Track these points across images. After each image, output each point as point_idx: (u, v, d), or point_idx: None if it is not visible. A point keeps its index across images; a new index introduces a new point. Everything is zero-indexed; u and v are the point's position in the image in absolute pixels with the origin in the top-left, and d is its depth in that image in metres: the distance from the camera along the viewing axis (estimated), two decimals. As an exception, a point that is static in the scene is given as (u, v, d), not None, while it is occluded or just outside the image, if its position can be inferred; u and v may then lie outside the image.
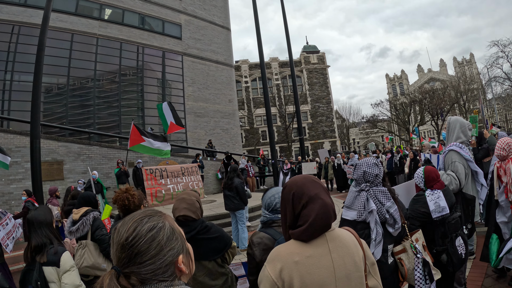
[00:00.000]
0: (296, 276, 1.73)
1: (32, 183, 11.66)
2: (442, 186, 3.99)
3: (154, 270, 1.20)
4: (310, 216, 1.81)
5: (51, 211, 3.62)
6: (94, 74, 22.82)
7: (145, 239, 1.20)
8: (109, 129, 22.72)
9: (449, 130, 5.94)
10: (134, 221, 1.25)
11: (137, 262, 1.18)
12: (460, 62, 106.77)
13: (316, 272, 1.74)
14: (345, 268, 1.80)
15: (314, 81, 62.95)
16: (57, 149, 15.64)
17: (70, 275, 3.19)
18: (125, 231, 1.22)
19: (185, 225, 3.20)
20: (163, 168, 15.97)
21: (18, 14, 19.86)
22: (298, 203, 1.88)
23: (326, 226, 1.84)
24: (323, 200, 1.86)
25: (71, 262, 3.26)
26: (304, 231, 1.81)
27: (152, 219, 1.27)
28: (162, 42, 26.45)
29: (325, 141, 60.81)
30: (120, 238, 1.21)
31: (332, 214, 1.88)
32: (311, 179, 2.02)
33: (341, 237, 1.89)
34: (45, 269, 3.11)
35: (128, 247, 1.18)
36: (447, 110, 60.60)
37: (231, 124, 29.87)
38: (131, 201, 3.76)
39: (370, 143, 57.57)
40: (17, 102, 19.36)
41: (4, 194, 13.75)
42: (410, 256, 3.05)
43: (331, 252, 1.80)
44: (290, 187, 1.98)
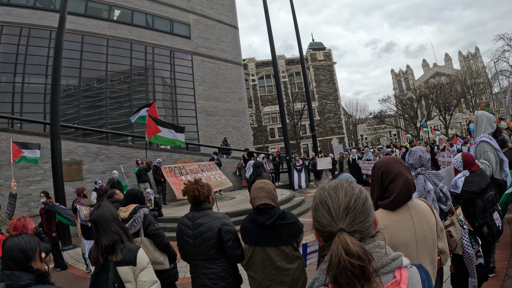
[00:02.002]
0: (386, 237, 1.85)
1: (54, 183, 11.60)
2: (479, 168, 4.60)
3: (368, 227, 1.31)
4: (396, 189, 2.21)
5: (113, 206, 3.43)
6: (105, 75, 22.85)
7: (362, 200, 1.33)
8: (121, 129, 22.74)
9: (477, 123, 6.45)
10: (344, 187, 1.36)
11: (359, 220, 1.28)
12: (465, 56, 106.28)
13: (402, 234, 2.12)
14: (423, 231, 2.16)
15: (321, 78, 62.61)
16: (76, 149, 15.53)
17: (147, 272, 3.03)
18: (344, 195, 1.33)
19: (265, 213, 3.30)
20: (181, 166, 15.89)
21: (27, 17, 19.93)
22: (385, 179, 2.29)
23: (408, 197, 2.24)
24: (405, 176, 2.24)
25: (147, 259, 3.09)
26: (391, 202, 2.22)
27: (351, 185, 1.39)
28: (171, 42, 26.41)
29: (333, 137, 60.52)
30: (341, 202, 1.30)
31: (413, 187, 2.26)
32: (396, 159, 2.40)
33: (419, 205, 2.27)
34: (119, 269, 2.90)
35: (353, 208, 1.29)
36: (455, 104, 60.32)
37: (241, 122, 29.80)
38: (201, 192, 3.63)
39: (382, 138, 57.40)
40: (29, 104, 19.31)
41: (23, 196, 13.60)
42: (457, 228, 3.49)
43: (413, 217, 2.18)
44: (378, 166, 2.39)
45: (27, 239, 2.66)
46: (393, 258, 1.28)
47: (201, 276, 3.48)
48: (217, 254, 3.46)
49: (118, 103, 23.48)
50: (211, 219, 3.52)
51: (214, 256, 3.45)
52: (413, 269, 1.33)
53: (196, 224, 3.53)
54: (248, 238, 3.40)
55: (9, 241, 2.61)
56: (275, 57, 21.17)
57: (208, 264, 3.47)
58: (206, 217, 3.55)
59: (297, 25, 24.22)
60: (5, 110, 18.42)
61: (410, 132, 60.63)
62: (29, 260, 2.59)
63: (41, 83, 20.21)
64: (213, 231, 3.43)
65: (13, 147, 10.75)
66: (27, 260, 2.58)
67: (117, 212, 3.34)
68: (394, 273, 1.25)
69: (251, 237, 3.36)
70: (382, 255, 1.28)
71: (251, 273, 3.39)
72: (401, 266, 1.28)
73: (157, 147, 19.72)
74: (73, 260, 9.83)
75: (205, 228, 3.46)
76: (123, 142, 20.55)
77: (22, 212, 6.60)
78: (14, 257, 2.54)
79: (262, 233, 3.27)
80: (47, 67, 19.83)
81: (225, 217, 3.60)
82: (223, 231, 3.43)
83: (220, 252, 3.47)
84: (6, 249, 2.57)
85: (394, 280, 1.23)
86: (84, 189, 9.31)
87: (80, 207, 8.32)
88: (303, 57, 24.72)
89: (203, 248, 3.45)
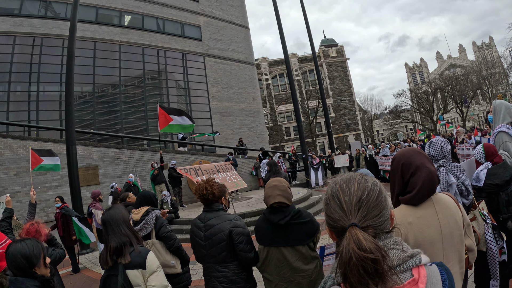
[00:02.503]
0: (410, 235, 1.93)
1: (70, 189, 11.68)
2: (501, 159, 4.30)
3: (383, 222, 1.23)
4: (418, 182, 2.04)
5: (125, 208, 3.38)
6: (119, 80, 23.00)
7: (375, 193, 1.25)
8: (137, 134, 22.86)
9: (495, 113, 6.09)
10: (356, 179, 1.30)
11: (373, 215, 1.21)
12: (479, 46, 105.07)
13: (427, 231, 1.97)
14: (449, 227, 1.99)
15: (335, 75, 62.22)
16: (92, 154, 15.68)
17: (157, 276, 2.95)
18: (356, 188, 1.26)
19: (280, 211, 3.19)
20: (197, 167, 15.83)
21: (39, 26, 20.24)
22: (406, 172, 2.12)
23: (432, 190, 2.06)
24: (428, 168, 2.08)
25: (157, 262, 3.02)
26: (414, 196, 2.04)
27: (364, 178, 1.31)
28: (183, 45, 26.48)
29: (349, 134, 60.10)
30: (353, 196, 1.24)
31: (436, 179, 2.10)
32: (416, 150, 2.24)
33: (444, 200, 2.10)
34: (129, 272, 2.83)
35: (366, 202, 1.22)
36: (471, 96, 59.48)
37: (256, 122, 29.70)
38: (209, 191, 3.54)
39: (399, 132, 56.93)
40: (44, 112, 19.57)
41: (41, 202, 13.76)
42: (480, 223, 3.33)
43: (437, 213, 2.01)
44: (398, 158, 2.23)
45: (31, 245, 2.64)
46: (410, 255, 1.19)
47: (213, 279, 3.42)
48: (228, 257, 3.38)
49: (133, 108, 23.62)
50: (222, 220, 3.44)
51: (225, 259, 3.38)
52: (433, 268, 1.24)
53: (207, 226, 3.46)
54: (262, 238, 3.30)
55: (13, 247, 2.59)
56: (288, 56, 21.11)
57: (219, 267, 3.39)
58: (217, 218, 3.47)
59: (308, 22, 24.17)
60: (22, 118, 18.73)
61: (427, 126, 60.02)
62: (33, 266, 2.57)
63: (56, 90, 20.45)
64: (224, 233, 3.34)
65: (32, 155, 10.81)
66: (31, 266, 2.56)
67: (128, 215, 3.28)
68: (411, 272, 1.17)
69: (266, 237, 3.26)
70: (399, 252, 1.19)
71: (266, 275, 3.30)
72: (420, 264, 1.18)
73: (172, 150, 19.78)
74: (91, 264, 9.89)
75: (216, 230, 3.39)
76: (138, 145, 20.67)
77: (40, 218, 6.62)
78: (17, 263, 2.52)
79: (277, 233, 3.17)
80: (61, 74, 20.06)
81: (236, 218, 3.50)
82: (234, 233, 3.34)
83: (231, 255, 3.38)
84: (10, 255, 2.54)
85: (412, 279, 1.15)
86: (100, 194, 9.34)
87: (96, 211, 8.36)
88: (316, 55, 24.62)
89: (214, 250, 3.38)
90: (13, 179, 13.82)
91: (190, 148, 22.78)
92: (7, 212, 5.39)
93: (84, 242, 9.40)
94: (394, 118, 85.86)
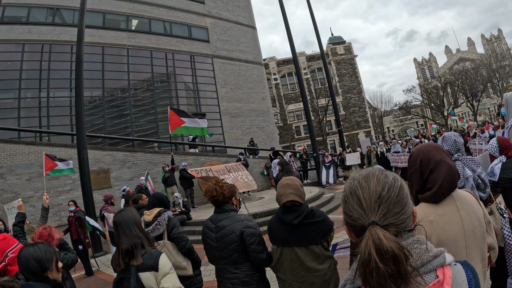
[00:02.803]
0: (433, 234, 1.86)
1: (82, 192, 11.78)
2: None
3: (405, 220, 1.16)
4: (439, 179, 1.97)
5: (137, 211, 3.36)
6: (128, 84, 23.13)
7: (396, 189, 1.18)
8: (147, 136, 23.02)
9: (508, 106, 6.32)
10: (375, 175, 1.23)
11: (394, 212, 1.14)
12: (488, 39, 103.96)
13: (449, 229, 1.88)
14: (472, 224, 1.90)
15: (343, 72, 62.04)
16: (103, 158, 15.78)
17: (170, 278, 2.90)
18: (375, 184, 1.19)
19: (293, 211, 3.13)
20: (208, 168, 15.86)
21: (47, 33, 20.49)
22: (426, 168, 2.05)
23: (453, 186, 1.99)
24: (448, 163, 2.02)
25: (169, 264, 2.97)
26: (435, 193, 1.97)
27: (384, 173, 1.25)
28: (190, 47, 26.53)
29: (360, 131, 59.85)
30: (373, 192, 1.17)
31: (457, 175, 2.03)
32: (435, 145, 2.18)
33: (464, 196, 2.01)
34: (141, 275, 2.79)
35: (386, 198, 1.15)
36: (481, 90, 58.95)
37: (266, 122, 29.64)
38: (219, 193, 3.51)
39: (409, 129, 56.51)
40: (55, 117, 19.77)
41: (53, 206, 13.88)
42: (497, 217, 3.19)
43: (459, 209, 1.93)
44: (416, 154, 2.15)
45: (43, 249, 2.61)
46: (435, 255, 1.12)
47: (225, 280, 3.38)
48: (240, 258, 3.34)
49: (143, 111, 23.72)
50: (233, 221, 3.40)
51: (237, 260, 3.33)
52: (458, 267, 1.17)
53: (218, 227, 3.42)
54: (275, 238, 3.25)
55: (25, 251, 2.57)
56: (296, 55, 21.03)
57: (231, 268, 3.35)
58: (228, 219, 3.43)
59: (315, 20, 24.06)
60: (33, 125, 18.93)
61: (437, 122, 59.58)
62: (45, 270, 2.54)
63: (66, 96, 20.61)
64: (235, 234, 3.30)
65: (46, 160, 10.89)
66: (43, 270, 2.53)
67: (140, 217, 3.24)
68: (436, 272, 1.10)
69: (279, 237, 3.21)
70: (423, 251, 1.13)
71: (280, 275, 3.26)
72: (444, 263, 1.11)
73: (183, 151, 19.80)
74: (104, 267, 9.96)
75: (227, 231, 3.35)
76: (149, 148, 20.75)
77: (53, 222, 6.66)
78: (29, 267, 2.49)
79: (290, 233, 3.12)
80: (70, 80, 20.23)
81: (248, 219, 3.46)
82: (245, 234, 3.29)
83: (243, 256, 3.34)
84: (22, 258, 2.52)
85: (437, 281, 1.07)
86: (112, 197, 9.37)
87: (108, 214, 8.39)
88: (324, 53, 24.52)
89: (226, 252, 3.34)
90: (25, 184, 13.96)
91: (200, 149, 22.82)
92: (20, 217, 5.41)
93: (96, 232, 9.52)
94: (404, 114, 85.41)
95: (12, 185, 13.77)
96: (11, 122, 18.55)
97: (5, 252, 2.83)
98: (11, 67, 19.39)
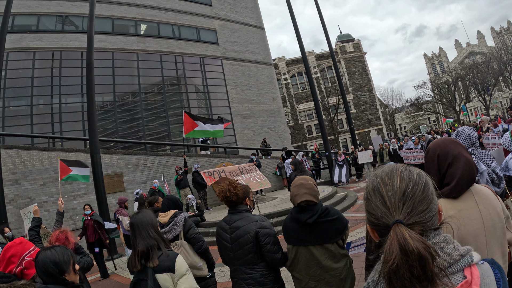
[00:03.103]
0: (454, 229, 1.66)
1: (96, 196, 11.89)
2: None
3: (431, 218, 1.12)
4: (457, 173, 1.95)
5: (153, 213, 3.38)
6: (138, 88, 23.27)
7: (421, 186, 1.15)
8: (159, 139, 23.13)
9: None
10: (399, 171, 1.19)
11: (419, 210, 1.10)
12: (498, 31, 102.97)
13: (469, 224, 1.84)
14: (491, 219, 1.87)
15: (353, 70, 61.76)
16: (116, 162, 15.91)
17: (187, 279, 2.92)
18: (399, 181, 1.16)
19: (308, 210, 3.14)
20: (221, 169, 15.88)
21: (57, 41, 20.74)
22: (443, 163, 2.04)
23: (471, 180, 1.97)
24: (466, 157, 2.00)
25: (186, 265, 2.99)
26: (454, 188, 1.94)
27: (408, 169, 1.20)
28: (199, 49, 26.60)
29: (371, 129, 59.49)
30: (397, 189, 1.13)
31: (475, 169, 2.02)
32: (451, 139, 2.16)
33: (483, 190, 1.98)
34: (158, 276, 2.81)
35: (411, 196, 1.12)
36: (493, 83, 58.35)
37: (277, 122, 29.57)
38: (232, 193, 3.53)
39: (422, 125, 55.98)
40: (68, 123, 20.01)
41: (68, 210, 14.04)
42: None
43: (478, 204, 1.90)
44: (434, 149, 2.13)
45: (60, 252, 2.64)
46: (462, 254, 1.08)
47: (240, 281, 3.39)
48: (255, 259, 3.35)
49: (154, 114, 23.86)
50: (247, 222, 3.41)
51: (252, 260, 3.35)
52: (485, 266, 1.11)
53: (233, 228, 3.44)
54: (290, 238, 3.26)
55: (42, 254, 2.59)
56: (305, 54, 21.00)
57: (246, 269, 3.37)
58: (243, 220, 3.45)
59: (323, 18, 23.99)
60: (46, 131, 19.14)
61: (450, 117, 59.10)
62: (63, 272, 2.57)
63: (78, 102, 20.79)
64: (250, 235, 3.31)
65: (61, 165, 10.99)
66: (61, 273, 2.56)
67: (156, 219, 3.27)
68: (463, 272, 1.05)
69: (294, 236, 3.21)
70: (450, 251, 1.09)
71: (295, 274, 3.26)
72: (472, 263, 1.07)
73: (195, 153, 19.85)
74: (120, 269, 10.05)
75: (242, 231, 3.36)
76: (161, 151, 20.84)
77: (68, 226, 6.72)
78: (47, 270, 2.52)
79: (305, 232, 3.12)
80: (81, 86, 20.45)
81: (262, 219, 3.47)
82: (261, 234, 3.31)
83: (258, 257, 3.35)
84: (39, 262, 2.55)
85: (465, 281, 1.03)
86: (126, 200, 9.44)
87: (122, 218, 8.43)
88: (333, 51, 24.44)
89: (241, 252, 3.36)
90: (40, 189, 14.16)
91: (212, 151, 22.87)
92: (35, 221, 5.46)
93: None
94: (416, 111, 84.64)
95: (26, 190, 13.97)
96: (24, 129, 18.81)
97: (22, 256, 2.86)
98: (23, 75, 19.64)
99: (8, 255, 2.79)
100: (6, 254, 2.80)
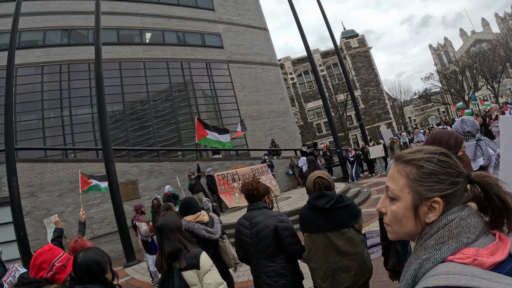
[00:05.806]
0: None
1: (113, 204, 12.03)
2: None
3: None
4: None
5: (179, 216, 3.47)
6: (147, 96, 23.41)
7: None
8: (171, 145, 23.34)
9: None
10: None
11: None
12: (502, 17, 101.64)
13: None
14: None
15: (359, 65, 61.38)
16: (130, 169, 16.04)
17: (212, 275, 3.02)
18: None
19: (324, 195, 3.24)
20: (234, 172, 15.96)
21: (64, 54, 21.05)
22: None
23: None
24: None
25: (210, 262, 3.09)
26: None
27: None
28: (205, 54, 26.71)
29: (381, 124, 59.02)
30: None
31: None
32: (448, 132, 2.28)
33: None
34: (184, 273, 2.92)
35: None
36: (501, 70, 57.84)
37: (287, 122, 29.55)
38: (255, 187, 3.69)
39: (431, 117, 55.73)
40: (79, 134, 20.24)
41: (85, 219, 14.10)
42: None
43: None
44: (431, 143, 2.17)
45: (99, 252, 2.74)
46: None
47: (262, 274, 3.48)
48: (275, 252, 3.45)
49: (164, 121, 24.00)
50: (267, 217, 3.52)
51: (272, 253, 3.45)
52: None
53: (253, 223, 3.54)
54: (307, 226, 3.34)
55: (83, 255, 2.66)
56: (311, 53, 20.96)
57: (267, 262, 3.46)
58: (262, 215, 3.55)
59: (326, 15, 23.91)
60: (58, 143, 19.43)
61: (459, 105, 58.66)
62: (104, 272, 2.65)
63: (88, 113, 21.03)
64: (269, 229, 3.41)
65: (81, 178, 11.15)
66: (103, 272, 2.63)
67: (181, 222, 3.35)
68: None
69: (311, 224, 3.29)
70: None
71: (312, 264, 3.32)
72: None
73: (207, 158, 19.96)
74: (139, 274, 10.12)
75: (261, 226, 3.46)
76: (174, 157, 20.98)
77: (86, 235, 6.81)
78: (91, 270, 2.59)
79: (322, 219, 3.21)
80: (91, 97, 20.71)
81: (280, 214, 3.59)
82: (280, 228, 3.41)
83: (278, 250, 3.45)
84: (81, 263, 2.61)
85: None
86: (142, 206, 9.51)
87: (139, 224, 8.50)
88: (338, 48, 24.37)
89: (261, 246, 3.45)
90: (56, 201, 14.34)
91: (224, 154, 22.94)
92: (57, 232, 5.55)
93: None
94: (425, 103, 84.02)
95: (43, 202, 14.14)
96: (37, 142, 19.09)
97: (52, 261, 2.93)
98: (33, 90, 19.96)
99: (38, 261, 2.87)
100: (36, 261, 2.87)
